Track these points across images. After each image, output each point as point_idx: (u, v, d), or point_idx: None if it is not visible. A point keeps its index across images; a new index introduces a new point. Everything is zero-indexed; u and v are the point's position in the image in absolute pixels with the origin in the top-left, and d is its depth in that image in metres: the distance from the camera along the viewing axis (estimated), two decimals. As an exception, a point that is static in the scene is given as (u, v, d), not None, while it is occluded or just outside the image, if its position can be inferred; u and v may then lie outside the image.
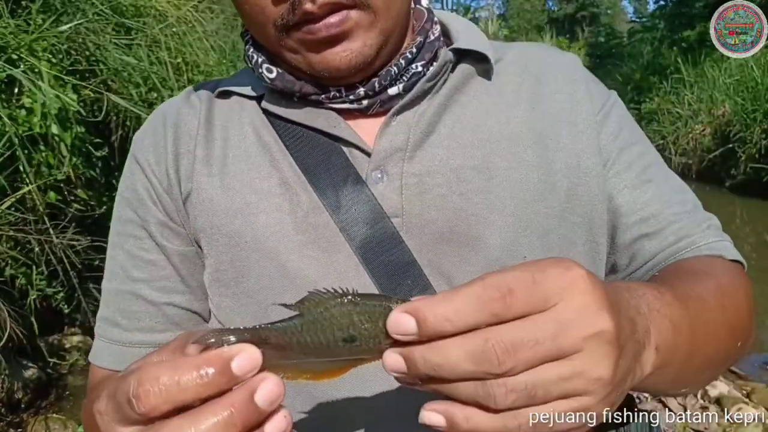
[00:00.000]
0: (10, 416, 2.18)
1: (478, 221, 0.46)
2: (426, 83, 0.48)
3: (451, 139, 0.49)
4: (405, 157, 0.47)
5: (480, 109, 0.50)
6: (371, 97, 0.48)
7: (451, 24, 0.54)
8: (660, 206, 0.52)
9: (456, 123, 0.49)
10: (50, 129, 2.23)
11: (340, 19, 0.42)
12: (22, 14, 2.47)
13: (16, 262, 2.18)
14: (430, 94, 0.49)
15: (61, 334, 2.71)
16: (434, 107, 0.49)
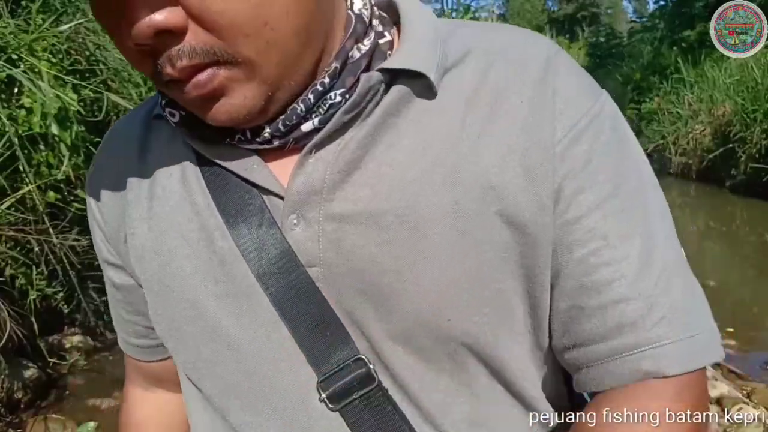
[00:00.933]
0: (9, 416, 2.18)
1: (397, 277, 0.41)
2: (344, 115, 0.40)
3: (378, 177, 0.41)
4: (322, 199, 0.41)
5: (416, 140, 0.41)
6: (282, 137, 0.42)
7: (403, 25, 0.44)
8: (611, 274, 0.41)
9: (385, 157, 0.41)
10: (50, 129, 2.23)
11: (207, 78, 0.36)
12: (21, 14, 2.47)
13: (16, 262, 2.18)
14: (356, 124, 0.41)
15: (60, 334, 2.71)
16: (359, 139, 0.41)
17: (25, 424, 2.18)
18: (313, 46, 0.39)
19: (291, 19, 0.36)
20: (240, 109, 0.38)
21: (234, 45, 0.36)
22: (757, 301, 3.40)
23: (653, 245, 0.42)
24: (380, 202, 0.41)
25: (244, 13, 0.35)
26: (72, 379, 2.55)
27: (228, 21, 0.35)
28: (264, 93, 0.38)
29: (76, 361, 2.62)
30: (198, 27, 0.35)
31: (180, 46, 0.35)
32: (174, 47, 0.35)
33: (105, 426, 2.19)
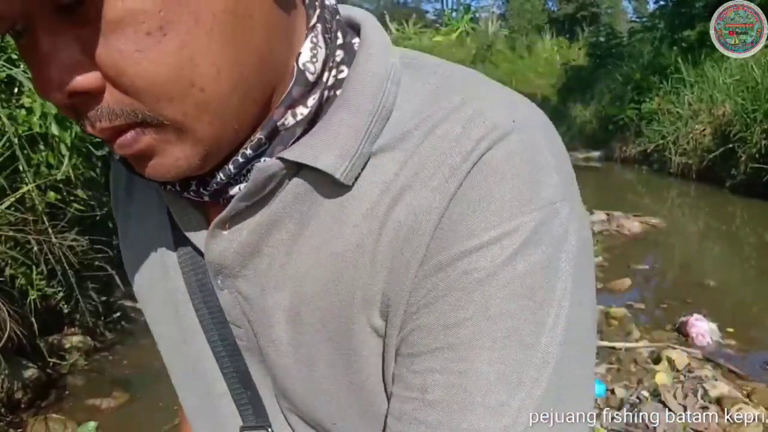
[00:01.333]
0: (10, 416, 2.18)
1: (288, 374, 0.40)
2: (239, 203, 0.36)
3: (274, 269, 0.38)
4: (232, 273, 0.39)
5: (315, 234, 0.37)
6: (212, 195, 0.38)
7: (348, 77, 0.37)
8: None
9: (278, 249, 0.38)
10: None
11: (131, 140, 0.33)
12: (21, 14, 2.48)
13: (16, 262, 2.18)
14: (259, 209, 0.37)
15: (60, 334, 2.71)
16: (255, 226, 0.38)
17: (25, 423, 2.18)
18: (257, 100, 0.35)
19: (223, 77, 0.32)
20: (173, 169, 0.35)
21: (158, 109, 0.32)
22: (757, 301, 3.40)
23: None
24: (271, 294, 0.39)
25: (164, 75, 0.30)
26: (72, 379, 2.55)
27: (147, 84, 0.30)
28: (199, 152, 0.34)
29: (75, 361, 2.62)
30: (115, 89, 0.31)
31: (98, 107, 0.32)
32: (92, 108, 0.32)
33: (105, 426, 2.19)
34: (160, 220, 0.45)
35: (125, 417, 2.34)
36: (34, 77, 0.32)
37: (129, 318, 3.18)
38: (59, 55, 0.30)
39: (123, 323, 3.11)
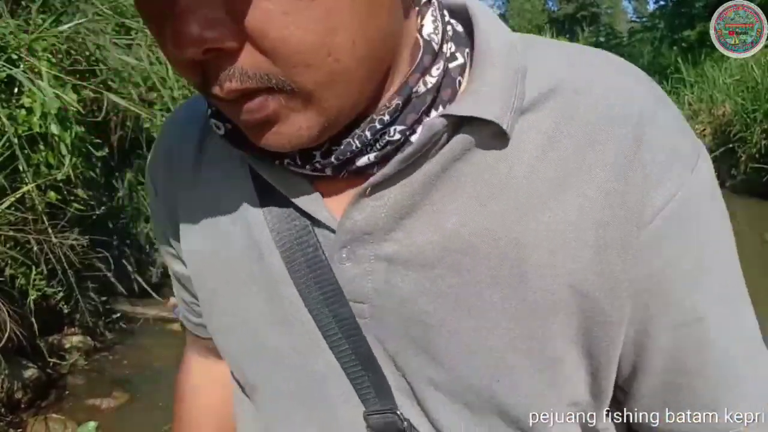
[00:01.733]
0: (9, 416, 2.18)
1: (444, 333, 0.39)
2: (401, 163, 0.37)
3: (432, 226, 0.38)
4: (375, 239, 0.39)
5: (478, 191, 0.38)
6: (335, 169, 0.39)
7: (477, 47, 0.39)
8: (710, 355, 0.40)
9: (442, 206, 0.38)
10: (50, 129, 2.23)
11: (258, 105, 0.33)
12: (21, 14, 2.48)
13: (16, 262, 2.18)
14: (417, 168, 0.38)
15: (60, 334, 2.71)
16: (417, 185, 0.38)
17: (25, 423, 2.18)
18: (376, 76, 0.36)
19: (357, 49, 0.32)
20: (292, 139, 0.35)
21: (292, 74, 0.32)
22: (757, 302, 3.39)
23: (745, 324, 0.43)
24: (433, 252, 0.38)
25: (308, 42, 0.31)
26: (72, 379, 2.55)
27: (290, 49, 0.31)
28: (321, 123, 0.35)
29: (75, 361, 2.62)
30: (254, 50, 0.31)
31: (231, 68, 0.31)
32: (224, 68, 0.31)
33: (105, 426, 2.19)
34: (242, 200, 0.44)
35: (125, 417, 2.34)
36: (166, 32, 0.31)
37: (129, 318, 3.18)
38: (201, 10, 0.29)
39: (123, 323, 3.11)
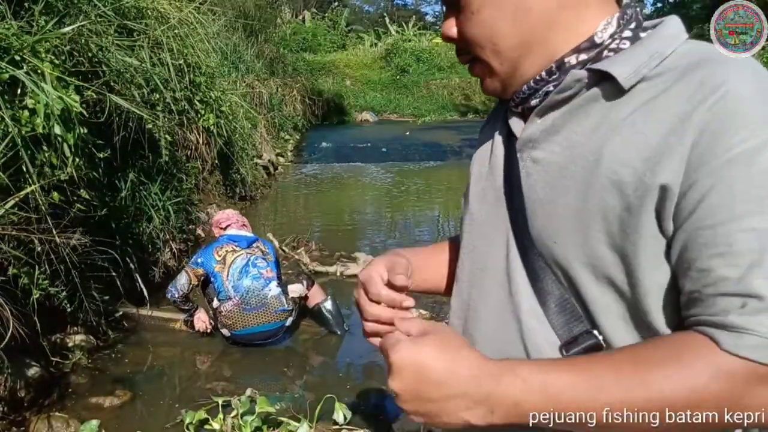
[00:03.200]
0: (12, 414, 2.19)
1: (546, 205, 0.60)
2: (555, 95, 0.60)
3: (566, 141, 0.59)
4: (532, 146, 0.63)
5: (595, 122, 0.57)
6: (517, 106, 0.66)
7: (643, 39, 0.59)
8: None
9: (573, 129, 0.59)
10: (53, 130, 2.24)
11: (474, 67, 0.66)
12: (24, 16, 2.49)
13: (19, 261, 2.19)
14: (564, 105, 0.60)
15: (63, 333, 2.72)
16: (560, 115, 0.61)
17: (28, 422, 2.19)
18: (530, 56, 0.61)
19: (508, 39, 0.60)
20: (489, 88, 0.66)
21: (479, 54, 0.63)
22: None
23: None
24: (559, 157, 0.60)
25: (481, 35, 0.61)
26: (74, 377, 2.56)
27: (472, 39, 0.62)
28: (498, 80, 0.64)
29: (78, 359, 2.63)
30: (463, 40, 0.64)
31: (461, 49, 0.65)
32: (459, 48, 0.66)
33: (107, 424, 2.21)
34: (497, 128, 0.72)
35: (127, 415, 2.35)
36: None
37: (131, 317, 3.19)
38: (447, 20, 0.65)
39: (125, 322, 3.13)
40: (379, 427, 2.28)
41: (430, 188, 7.79)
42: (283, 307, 2.98)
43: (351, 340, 3.14)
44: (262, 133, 7.64)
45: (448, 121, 13.70)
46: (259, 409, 2.16)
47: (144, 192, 3.56)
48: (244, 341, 2.97)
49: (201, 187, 5.13)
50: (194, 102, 4.54)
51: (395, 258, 0.71)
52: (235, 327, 2.93)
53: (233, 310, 2.94)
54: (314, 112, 12.43)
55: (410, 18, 21.31)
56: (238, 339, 2.96)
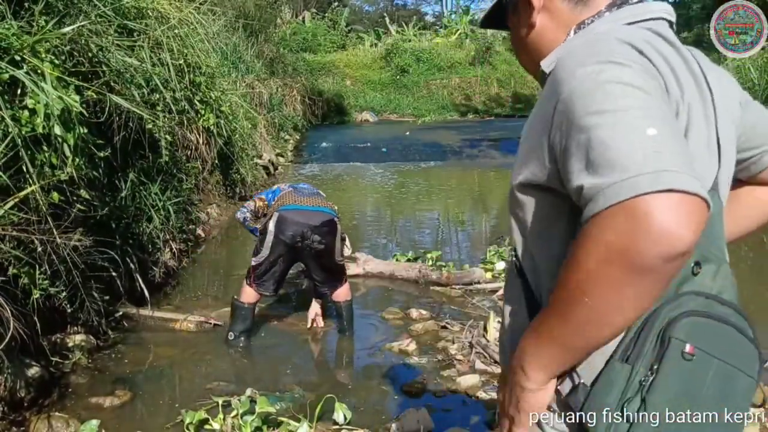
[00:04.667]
0: (12, 414, 2.19)
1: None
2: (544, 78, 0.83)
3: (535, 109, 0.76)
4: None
5: (542, 95, 0.77)
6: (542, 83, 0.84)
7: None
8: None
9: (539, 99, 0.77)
10: (53, 130, 2.24)
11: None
12: (24, 16, 2.49)
13: (19, 262, 2.19)
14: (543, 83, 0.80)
15: (63, 333, 2.72)
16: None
17: (28, 422, 2.19)
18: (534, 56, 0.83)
19: (523, 48, 0.87)
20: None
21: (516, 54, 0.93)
22: (754, 301, 3.40)
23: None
24: (531, 117, 0.79)
25: (513, 42, 0.91)
26: (74, 377, 2.56)
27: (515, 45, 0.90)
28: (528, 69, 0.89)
29: (78, 359, 2.63)
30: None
31: None
32: None
33: (107, 424, 2.21)
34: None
35: (127, 415, 2.35)
36: None
37: (131, 317, 3.19)
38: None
39: (125, 322, 3.13)
40: (379, 427, 2.28)
41: (430, 188, 7.79)
42: (334, 211, 3.01)
43: (352, 341, 3.14)
44: (262, 133, 7.65)
45: (448, 121, 13.70)
46: (259, 409, 2.16)
47: (144, 192, 3.56)
48: (290, 217, 2.86)
49: (201, 187, 5.13)
50: (194, 102, 4.55)
51: None
52: (284, 204, 2.92)
53: (285, 194, 3.00)
54: (314, 112, 12.44)
55: (410, 18, 21.31)
56: (284, 214, 2.88)
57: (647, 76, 0.64)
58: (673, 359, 0.63)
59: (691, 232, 0.54)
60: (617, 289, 0.57)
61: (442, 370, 2.72)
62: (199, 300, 3.63)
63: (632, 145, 0.57)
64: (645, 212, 0.54)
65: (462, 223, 6.19)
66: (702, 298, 0.67)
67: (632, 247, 0.55)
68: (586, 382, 0.67)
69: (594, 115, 0.60)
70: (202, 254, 4.56)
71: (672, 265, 0.55)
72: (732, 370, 0.67)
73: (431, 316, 3.35)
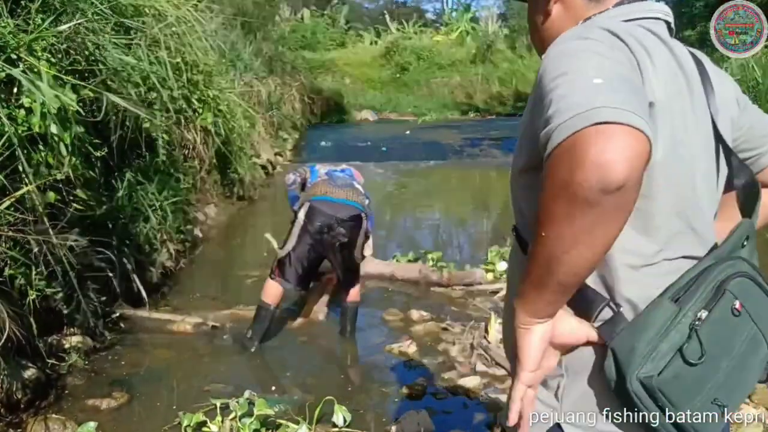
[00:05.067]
0: (9, 416, 2.17)
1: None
2: None
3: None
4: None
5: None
6: None
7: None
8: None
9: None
10: (49, 129, 2.23)
11: None
12: (21, 14, 2.47)
13: (15, 262, 2.17)
14: None
15: (60, 335, 2.70)
16: None
17: (24, 424, 2.17)
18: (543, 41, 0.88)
19: (535, 29, 0.93)
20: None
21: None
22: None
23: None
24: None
25: (530, 21, 0.95)
26: (71, 379, 2.54)
27: (529, 23, 0.95)
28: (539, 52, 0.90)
29: (75, 361, 2.61)
30: None
31: None
32: None
33: (104, 426, 2.19)
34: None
35: (124, 417, 2.34)
36: None
37: (128, 319, 3.17)
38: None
39: (122, 323, 3.11)
40: (379, 429, 2.27)
41: (430, 188, 7.78)
42: (362, 207, 3.01)
43: (352, 343, 3.13)
44: (260, 132, 7.62)
45: (448, 120, 13.69)
46: (258, 411, 2.15)
47: (141, 192, 3.54)
48: (319, 208, 2.88)
49: (199, 187, 5.11)
50: (192, 101, 4.53)
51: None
52: (316, 194, 2.94)
53: (319, 181, 3.03)
54: (313, 111, 12.42)
55: (411, 15, 21.30)
56: (315, 204, 2.90)
57: (613, 49, 0.69)
58: (724, 310, 0.69)
59: (624, 162, 0.57)
60: (568, 222, 0.61)
61: (442, 372, 2.71)
62: (196, 301, 3.61)
63: (578, 93, 0.62)
64: (580, 147, 0.58)
65: (463, 224, 6.18)
66: (749, 266, 0.74)
67: (571, 181, 0.59)
68: (625, 315, 0.72)
69: (556, 78, 0.66)
70: (199, 255, 4.53)
71: (613, 197, 0.58)
72: (761, 337, 0.73)
73: (432, 317, 3.33)
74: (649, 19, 0.81)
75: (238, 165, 5.83)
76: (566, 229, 0.62)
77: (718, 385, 0.69)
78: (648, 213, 0.72)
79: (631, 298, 0.73)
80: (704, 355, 0.67)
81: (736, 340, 0.70)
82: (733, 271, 0.71)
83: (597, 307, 0.73)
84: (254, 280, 4.02)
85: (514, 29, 17.19)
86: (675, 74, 0.76)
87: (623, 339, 0.70)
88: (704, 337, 0.67)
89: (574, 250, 0.63)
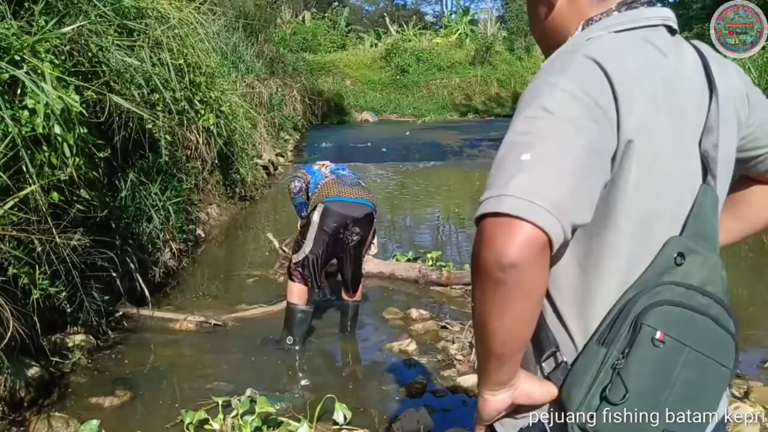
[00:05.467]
0: (12, 414, 2.19)
1: None
2: None
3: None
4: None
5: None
6: None
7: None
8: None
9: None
10: (53, 130, 2.24)
11: None
12: (24, 16, 2.49)
13: (19, 262, 2.19)
14: None
15: (63, 333, 2.72)
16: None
17: (28, 422, 2.19)
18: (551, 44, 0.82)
19: (535, 21, 0.88)
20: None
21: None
22: (753, 301, 3.41)
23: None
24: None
25: (530, 13, 0.89)
26: (74, 377, 2.56)
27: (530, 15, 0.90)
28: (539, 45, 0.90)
29: (78, 359, 2.63)
30: None
31: None
32: None
33: (107, 424, 2.21)
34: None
35: (127, 415, 2.35)
36: None
37: (131, 317, 3.19)
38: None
39: (125, 322, 3.13)
40: (380, 427, 2.28)
41: (430, 188, 7.79)
42: (373, 204, 3.01)
43: (352, 341, 3.14)
44: (261, 133, 7.64)
45: (448, 121, 13.69)
46: (259, 409, 2.16)
47: (144, 192, 3.56)
48: (334, 209, 2.88)
49: (201, 187, 5.13)
50: (194, 102, 4.54)
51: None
52: (329, 195, 2.93)
53: (328, 182, 3.00)
54: (314, 112, 12.43)
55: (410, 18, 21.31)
56: (329, 206, 2.89)
57: (576, 102, 0.66)
58: (643, 345, 0.67)
59: (513, 250, 0.61)
60: (482, 294, 0.65)
61: (442, 370, 2.72)
62: (199, 300, 3.63)
63: (504, 168, 0.65)
64: (484, 228, 0.63)
65: (462, 223, 6.19)
66: (682, 289, 0.70)
67: (477, 257, 0.64)
68: (567, 362, 0.73)
69: (508, 131, 0.69)
70: (202, 254, 4.56)
71: (509, 273, 0.61)
72: (704, 358, 0.70)
73: (431, 316, 3.35)
74: (647, 27, 0.76)
75: (240, 165, 5.85)
76: (482, 303, 0.65)
77: (665, 418, 0.69)
78: (610, 246, 0.71)
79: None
80: (627, 394, 0.67)
81: (672, 370, 0.69)
82: (651, 301, 0.68)
83: (544, 355, 0.74)
84: (256, 279, 4.04)
85: (512, 31, 17.18)
86: (669, 95, 0.72)
87: (565, 387, 0.71)
88: (630, 375, 0.67)
89: (497, 322, 0.65)
